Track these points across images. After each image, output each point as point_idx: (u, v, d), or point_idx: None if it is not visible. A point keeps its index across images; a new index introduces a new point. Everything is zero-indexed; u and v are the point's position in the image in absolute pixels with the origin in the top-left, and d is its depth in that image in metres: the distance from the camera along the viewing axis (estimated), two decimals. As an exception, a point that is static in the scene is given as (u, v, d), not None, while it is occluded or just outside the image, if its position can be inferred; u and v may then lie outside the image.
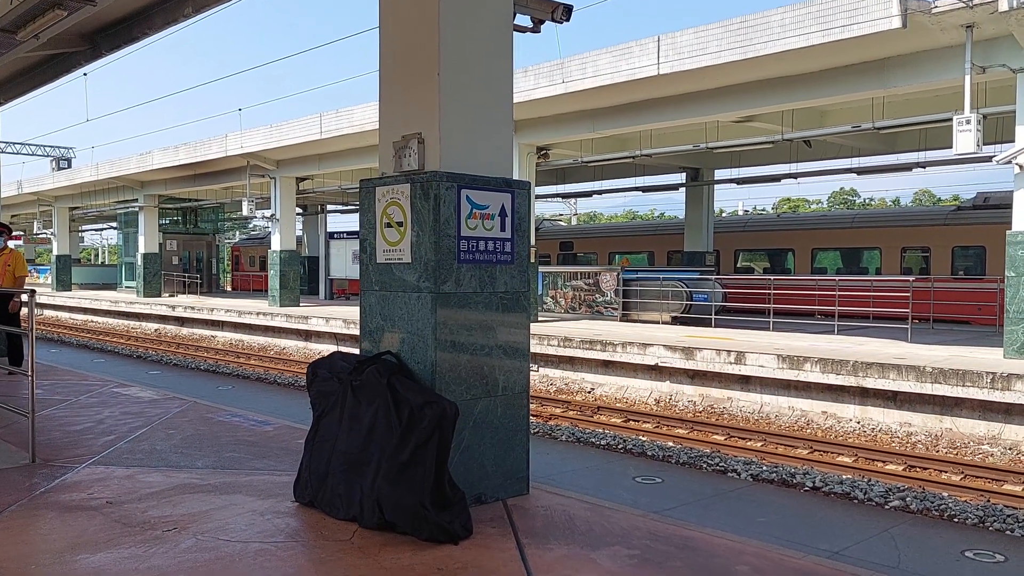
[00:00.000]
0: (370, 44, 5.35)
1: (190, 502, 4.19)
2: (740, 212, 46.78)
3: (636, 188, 23.14)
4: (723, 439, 10.11)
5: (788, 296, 17.32)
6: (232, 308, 22.73)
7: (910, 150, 17.15)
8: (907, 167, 17.48)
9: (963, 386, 9.39)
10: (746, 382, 11.56)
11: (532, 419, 9.86)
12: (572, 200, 41.22)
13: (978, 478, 8.30)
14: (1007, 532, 6.52)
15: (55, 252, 36.34)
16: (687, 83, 13.23)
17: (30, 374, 5.38)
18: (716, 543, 3.66)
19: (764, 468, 8.28)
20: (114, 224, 38.65)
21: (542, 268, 19.50)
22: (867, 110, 13.67)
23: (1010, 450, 8.99)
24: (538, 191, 25.53)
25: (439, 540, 3.55)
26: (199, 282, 33.07)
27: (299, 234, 31.51)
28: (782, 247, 21.55)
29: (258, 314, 21.19)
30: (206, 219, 34.71)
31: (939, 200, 50.99)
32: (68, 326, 28.16)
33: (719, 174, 21.63)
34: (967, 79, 10.47)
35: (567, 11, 5.47)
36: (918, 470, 8.60)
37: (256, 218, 29.94)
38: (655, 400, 12.37)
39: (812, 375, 10.69)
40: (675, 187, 22.66)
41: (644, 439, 9.79)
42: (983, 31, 10.36)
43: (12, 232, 10.63)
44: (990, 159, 11.50)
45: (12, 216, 42.31)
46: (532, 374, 13.56)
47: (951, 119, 10.80)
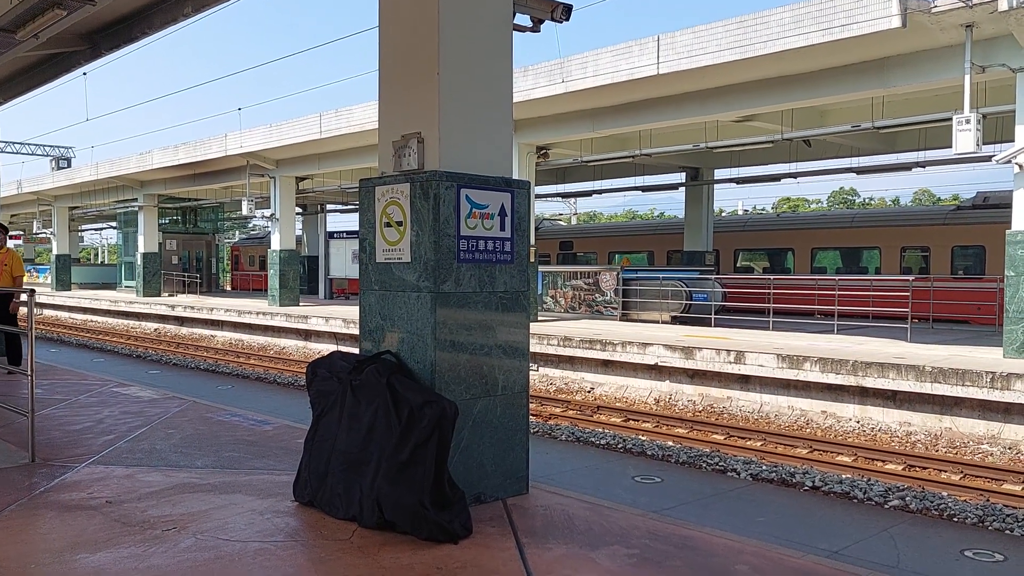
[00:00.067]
0: (370, 44, 5.35)
1: (190, 501, 4.19)
2: (740, 212, 46.77)
3: (636, 188, 23.15)
4: (723, 438, 10.11)
5: (788, 296, 17.31)
6: (232, 308, 22.73)
7: (910, 150, 17.14)
8: (907, 167, 17.51)
9: (963, 385, 9.39)
10: (746, 381, 11.57)
11: (532, 419, 9.85)
12: (572, 200, 41.24)
13: (978, 477, 8.31)
14: (1006, 531, 6.52)
15: (55, 252, 36.33)
16: (687, 83, 13.23)
17: (30, 374, 5.38)
18: (715, 542, 3.67)
19: (764, 467, 8.28)
20: (114, 224, 38.62)
21: (542, 268, 19.51)
22: (867, 110, 13.66)
23: (1009, 449, 9.00)
24: (538, 191, 25.53)
25: (439, 539, 3.55)
26: (199, 281, 33.06)
27: (299, 234, 31.50)
28: (782, 247, 21.55)
29: (258, 314, 21.18)
30: (206, 219, 34.68)
31: (939, 200, 51.03)
32: (68, 326, 28.16)
33: (719, 174, 21.62)
34: (967, 78, 10.47)
35: (567, 11, 5.46)
36: (917, 469, 8.60)
37: (256, 218, 29.91)
38: (655, 400, 12.37)
39: (812, 375, 10.69)
40: (675, 187, 22.65)
41: (644, 439, 9.79)
42: (983, 31, 10.36)
43: (9, 232, 10.63)
44: (990, 159, 11.49)
45: (12, 216, 42.36)
46: (532, 373, 13.54)
47: (951, 119, 10.80)
